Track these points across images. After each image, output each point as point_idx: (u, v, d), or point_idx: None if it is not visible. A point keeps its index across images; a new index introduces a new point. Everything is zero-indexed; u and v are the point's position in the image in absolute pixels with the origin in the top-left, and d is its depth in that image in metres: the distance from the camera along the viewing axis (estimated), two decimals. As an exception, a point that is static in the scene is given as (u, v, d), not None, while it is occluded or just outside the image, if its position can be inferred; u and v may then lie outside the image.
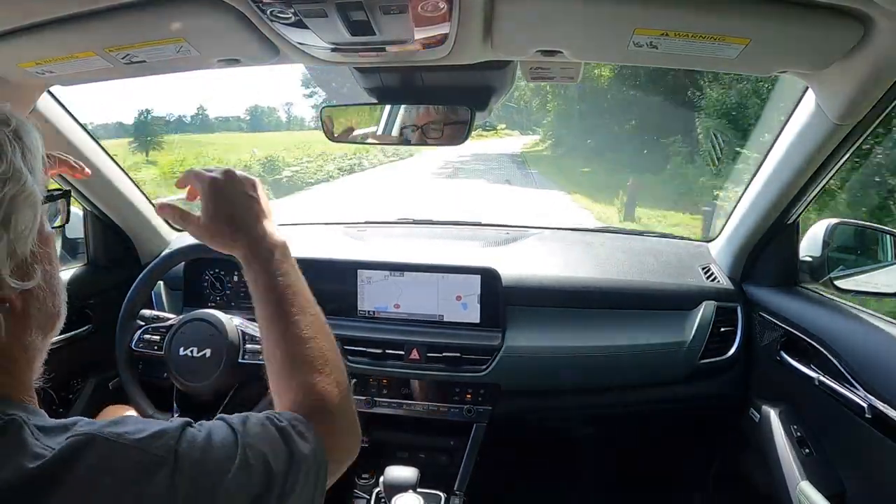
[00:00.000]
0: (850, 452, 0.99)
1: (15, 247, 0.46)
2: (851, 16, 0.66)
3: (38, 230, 0.50)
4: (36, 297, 0.50)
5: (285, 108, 48.59)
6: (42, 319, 0.52)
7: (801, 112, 0.99)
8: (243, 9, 0.70)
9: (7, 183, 0.46)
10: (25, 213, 0.47)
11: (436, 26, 0.72)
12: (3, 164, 0.46)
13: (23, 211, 0.47)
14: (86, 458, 0.43)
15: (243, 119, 36.72)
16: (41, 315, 0.51)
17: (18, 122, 0.49)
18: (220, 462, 0.47)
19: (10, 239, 0.45)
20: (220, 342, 1.04)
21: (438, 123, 1.00)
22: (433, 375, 1.29)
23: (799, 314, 1.13)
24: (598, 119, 14.35)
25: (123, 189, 1.35)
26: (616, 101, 13.44)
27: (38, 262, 0.50)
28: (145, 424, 0.48)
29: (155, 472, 0.44)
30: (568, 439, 1.45)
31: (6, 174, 0.46)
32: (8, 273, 0.46)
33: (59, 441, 0.44)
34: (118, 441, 0.45)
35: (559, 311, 1.32)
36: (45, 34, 0.77)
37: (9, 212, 0.45)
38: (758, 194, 1.18)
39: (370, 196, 10.92)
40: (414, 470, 1.10)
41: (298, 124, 34.74)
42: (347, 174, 16.39)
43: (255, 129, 33.48)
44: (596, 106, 14.62)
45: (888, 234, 1.19)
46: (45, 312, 0.52)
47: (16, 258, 0.47)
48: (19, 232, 0.46)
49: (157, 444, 0.46)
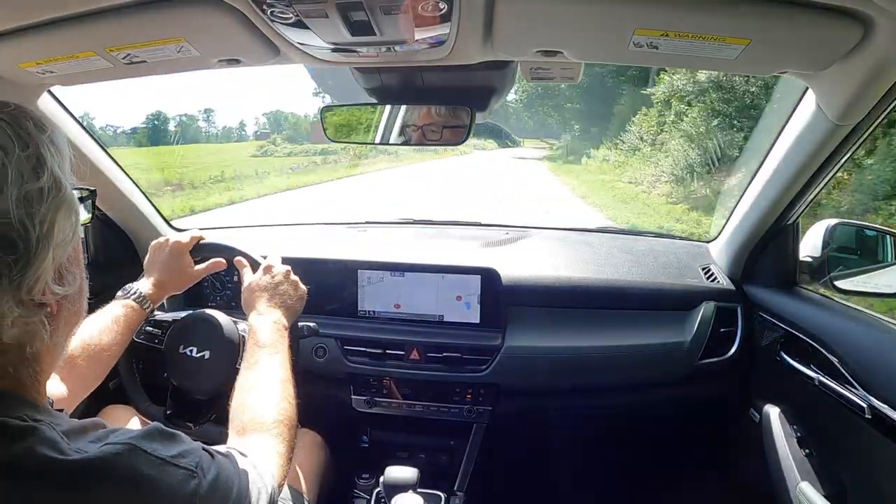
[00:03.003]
0: (850, 452, 0.99)
1: (56, 254, 0.47)
2: (851, 16, 0.66)
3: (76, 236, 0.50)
4: (69, 299, 0.51)
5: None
6: (71, 320, 0.53)
7: (801, 112, 0.99)
8: (243, 9, 0.70)
9: (50, 193, 0.46)
10: (67, 221, 0.47)
11: (436, 26, 0.72)
12: (45, 174, 0.46)
13: (65, 219, 0.47)
14: (122, 466, 0.47)
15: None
16: (71, 316, 0.52)
17: (53, 127, 0.49)
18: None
19: (53, 248, 0.46)
20: (221, 344, 1.03)
21: (438, 124, 1.00)
22: (433, 376, 1.29)
23: (799, 314, 1.13)
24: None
25: (124, 189, 1.35)
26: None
27: (73, 266, 0.51)
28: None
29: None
30: (568, 439, 1.45)
31: (48, 183, 0.46)
32: (51, 280, 0.46)
33: (90, 445, 0.46)
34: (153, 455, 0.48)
35: (559, 312, 1.32)
36: (46, 34, 0.77)
37: (52, 221, 0.46)
38: (758, 195, 1.19)
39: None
40: (414, 470, 1.10)
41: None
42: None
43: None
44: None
45: (888, 235, 1.19)
46: (74, 313, 0.53)
47: (56, 265, 0.47)
48: (61, 240, 0.47)
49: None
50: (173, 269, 1.03)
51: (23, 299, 0.45)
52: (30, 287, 0.45)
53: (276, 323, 0.92)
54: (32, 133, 0.47)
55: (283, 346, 0.89)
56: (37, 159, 0.46)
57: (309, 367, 1.28)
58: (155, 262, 1.04)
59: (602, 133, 16.23)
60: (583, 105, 20.59)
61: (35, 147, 0.46)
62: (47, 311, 0.47)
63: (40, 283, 0.46)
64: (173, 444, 0.52)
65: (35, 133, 0.47)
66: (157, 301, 1.01)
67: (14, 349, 0.46)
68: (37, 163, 0.46)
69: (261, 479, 0.60)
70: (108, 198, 1.33)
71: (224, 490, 0.53)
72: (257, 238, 1.59)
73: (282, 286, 0.99)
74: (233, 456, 0.59)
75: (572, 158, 17.86)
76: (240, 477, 0.56)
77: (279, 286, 0.98)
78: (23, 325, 0.45)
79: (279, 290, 0.98)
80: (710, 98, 9.03)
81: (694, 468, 1.53)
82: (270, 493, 0.60)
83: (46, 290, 0.46)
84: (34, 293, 0.45)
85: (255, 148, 26.84)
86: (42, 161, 0.46)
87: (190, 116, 40.00)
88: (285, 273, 1.01)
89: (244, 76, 71.92)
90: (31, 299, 0.45)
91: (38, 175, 0.45)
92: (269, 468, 0.63)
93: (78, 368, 0.85)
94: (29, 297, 0.45)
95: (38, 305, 0.46)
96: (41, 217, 0.45)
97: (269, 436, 0.71)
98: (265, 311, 0.94)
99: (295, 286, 1.01)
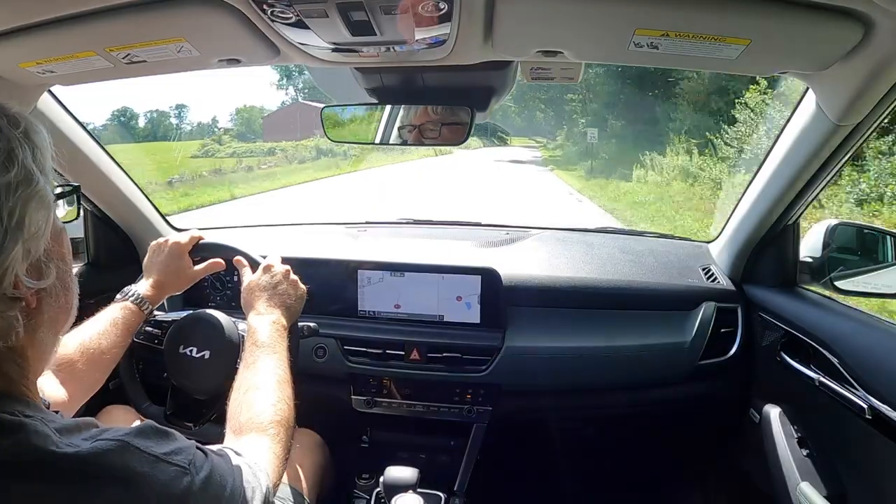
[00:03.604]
0: (850, 452, 0.99)
1: (29, 247, 0.47)
2: (851, 16, 0.66)
3: (50, 228, 0.51)
4: (50, 294, 0.52)
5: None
6: (55, 316, 0.53)
7: (802, 113, 0.99)
8: (244, 9, 0.70)
9: (20, 186, 0.47)
10: (39, 214, 0.48)
11: (436, 26, 0.72)
12: (14, 167, 0.47)
13: (36, 212, 0.48)
14: (115, 462, 0.47)
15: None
16: (54, 312, 0.53)
17: (27, 123, 0.50)
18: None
19: (24, 240, 0.47)
20: (221, 344, 1.03)
21: (438, 124, 1.00)
22: (433, 376, 1.29)
23: (799, 315, 1.13)
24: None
25: (124, 188, 1.35)
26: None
27: (52, 260, 0.51)
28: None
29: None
30: (568, 439, 1.45)
31: (18, 177, 0.47)
32: (23, 273, 0.47)
33: (82, 442, 0.47)
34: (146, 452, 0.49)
35: (559, 312, 1.32)
36: (46, 34, 0.77)
37: (22, 213, 0.47)
38: (758, 195, 1.19)
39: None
40: (414, 470, 1.10)
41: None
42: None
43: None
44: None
45: (888, 235, 1.19)
46: (59, 309, 0.54)
47: (30, 258, 0.48)
48: (33, 232, 0.47)
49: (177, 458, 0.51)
50: (172, 270, 1.03)
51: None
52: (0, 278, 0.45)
53: (275, 323, 0.92)
54: (4, 128, 0.48)
55: (282, 347, 0.90)
56: (7, 153, 0.47)
57: (309, 367, 1.28)
58: (154, 263, 1.04)
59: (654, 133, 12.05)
60: (613, 98, 15.89)
61: (6, 142, 0.47)
62: (22, 306, 0.48)
63: (9, 275, 0.46)
64: (167, 442, 0.52)
65: (6, 128, 0.48)
66: (155, 302, 1.01)
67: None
68: (7, 157, 0.47)
69: (255, 478, 0.60)
70: (108, 197, 1.33)
71: (217, 488, 0.53)
72: (257, 238, 1.59)
73: (281, 286, 0.99)
74: (227, 455, 0.59)
75: (593, 166, 13.71)
76: (234, 475, 0.57)
77: (278, 286, 0.98)
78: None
79: (278, 289, 0.98)
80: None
81: (694, 468, 1.53)
82: (265, 493, 0.60)
83: (19, 284, 0.47)
84: (4, 285, 0.46)
85: (198, 147, 24.58)
86: (12, 155, 0.47)
87: (123, 112, 37.15)
88: (284, 272, 1.01)
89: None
90: (2, 293, 0.46)
91: (8, 168, 0.46)
92: (263, 468, 0.63)
93: (77, 372, 0.85)
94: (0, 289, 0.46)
95: (11, 299, 0.47)
96: (9, 209, 0.46)
97: (266, 436, 0.71)
98: (264, 311, 0.94)
99: (294, 286, 1.01)
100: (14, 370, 0.49)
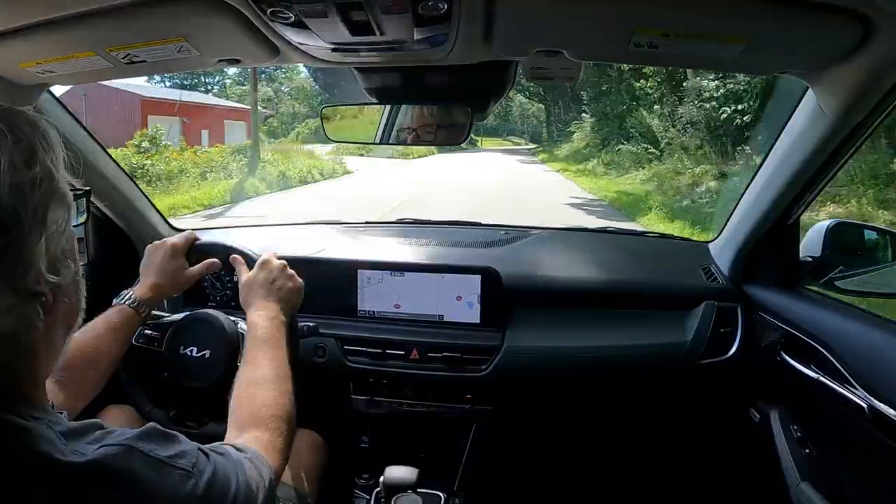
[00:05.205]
0: (850, 452, 0.99)
1: (49, 244, 0.48)
2: (851, 16, 0.66)
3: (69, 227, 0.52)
4: (64, 292, 0.52)
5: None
6: (67, 315, 0.54)
7: (802, 112, 0.99)
8: (243, 9, 0.70)
9: (42, 183, 0.48)
10: (59, 212, 0.49)
11: (436, 26, 0.72)
12: (37, 166, 0.48)
13: (57, 209, 0.49)
14: (120, 467, 0.47)
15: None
16: (66, 311, 0.53)
17: (44, 124, 0.52)
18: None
19: (46, 236, 0.48)
20: (221, 343, 1.03)
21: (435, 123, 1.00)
22: (433, 375, 1.28)
23: (799, 314, 1.13)
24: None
25: (123, 188, 1.35)
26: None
27: (68, 259, 0.52)
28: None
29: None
30: (568, 439, 1.45)
31: (40, 174, 0.48)
32: (44, 268, 0.48)
33: (87, 447, 0.47)
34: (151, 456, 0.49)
35: (559, 312, 1.32)
36: (46, 34, 0.77)
37: (44, 210, 0.48)
38: (758, 194, 1.18)
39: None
40: (414, 470, 1.10)
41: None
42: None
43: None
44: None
45: (888, 235, 1.19)
46: (70, 308, 0.54)
47: (50, 254, 0.49)
48: (53, 230, 0.49)
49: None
50: (168, 272, 1.04)
51: (17, 286, 0.46)
52: (23, 272, 0.46)
53: (273, 319, 0.93)
54: (25, 128, 0.49)
55: (281, 342, 0.90)
56: (29, 152, 0.48)
57: (309, 366, 1.28)
58: (150, 266, 1.04)
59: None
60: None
61: (28, 140, 0.48)
62: (42, 301, 0.48)
63: (34, 270, 0.47)
64: (170, 445, 0.52)
65: (27, 129, 0.49)
66: (152, 305, 1.01)
67: (9, 340, 0.47)
68: (29, 155, 0.47)
69: (258, 474, 0.60)
70: (108, 198, 1.33)
71: (221, 488, 0.53)
72: (256, 238, 1.59)
73: (278, 280, 0.99)
74: (229, 453, 0.60)
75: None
76: (236, 474, 0.57)
77: (276, 280, 0.99)
78: (17, 313, 0.46)
79: (276, 284, 0.99)
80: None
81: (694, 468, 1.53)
82: (268, 488, 0.61)
83: (40, 279, 0.47)
84: (28, 280, 0.46)
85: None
86: (34, 153, 0.48)
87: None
88: (281, 267, 1.01)
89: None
90: (25, 287, 0.46)
91: (31, 166, 0.47)
92: (265, 463, 0.64)
93: (76, 377, 0.85)
94: (23, 283, 0.46)
95: (32, 294, 0.47)
96: (34, 205, 0.47)
97: (267, 431, 0.72)
98: (262, 307, 0.95)
99: (291, 279, 1.01)
100: (25, 369, 0.49)
